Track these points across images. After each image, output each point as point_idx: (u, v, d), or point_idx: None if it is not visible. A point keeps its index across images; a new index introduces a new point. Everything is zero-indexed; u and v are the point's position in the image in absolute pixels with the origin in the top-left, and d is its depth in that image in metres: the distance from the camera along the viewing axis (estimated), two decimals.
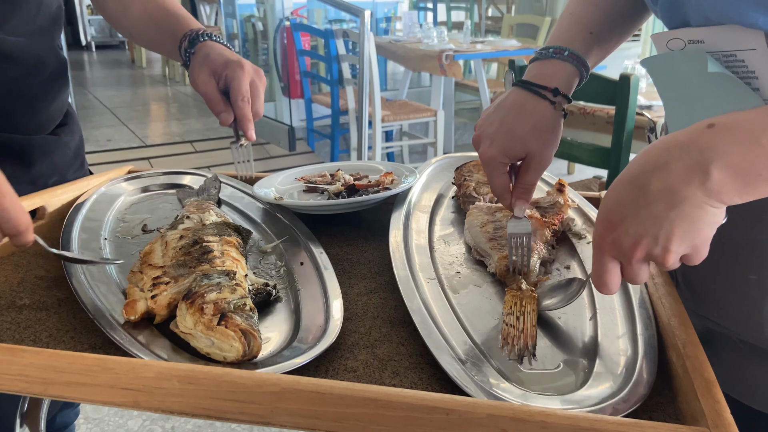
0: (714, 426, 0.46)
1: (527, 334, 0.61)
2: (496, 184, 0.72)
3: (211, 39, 0.90)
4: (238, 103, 0.84)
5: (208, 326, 0.58)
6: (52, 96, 0.92)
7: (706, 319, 0.68)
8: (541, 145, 0.70)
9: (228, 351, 0.57)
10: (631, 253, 0.51)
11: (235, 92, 0.84)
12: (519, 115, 0.70)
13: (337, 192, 0.96)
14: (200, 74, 0.86)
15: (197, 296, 0.61)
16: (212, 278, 0.65)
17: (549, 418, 0.46)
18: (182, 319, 0.60)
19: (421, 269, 0.75)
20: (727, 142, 0.48)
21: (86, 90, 7.00)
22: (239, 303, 0.61)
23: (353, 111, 3.76)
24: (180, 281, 0.66)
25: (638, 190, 0.50)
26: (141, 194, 0.99)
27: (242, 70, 0.84)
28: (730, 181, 0.47)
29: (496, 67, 5.24)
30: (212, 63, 0.86)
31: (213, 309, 0.59)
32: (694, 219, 0.49)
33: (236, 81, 0.84)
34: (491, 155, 0.70)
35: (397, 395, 0.49)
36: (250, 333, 0.58)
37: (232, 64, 0.85)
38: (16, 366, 0.53)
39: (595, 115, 2.13)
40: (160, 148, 4.66)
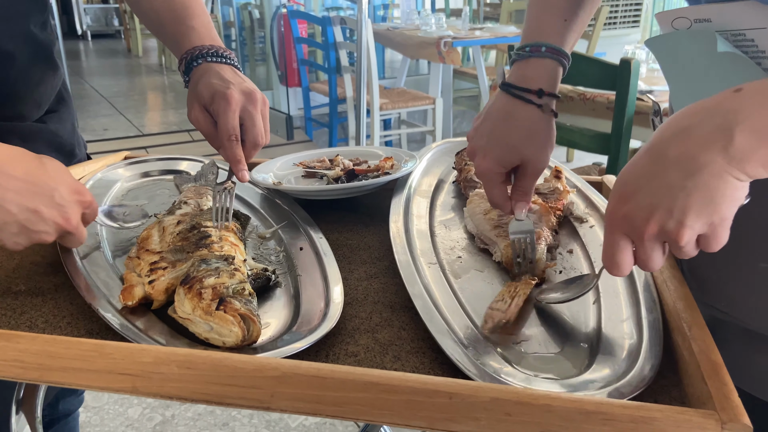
0: (722, 409, 0.45)
1: (508, 312, 0.60)
2: (494, 194, 0.70)
3: (207, 60, 0.80)
4: (224, 143, 0.75)
5: (207, 311, 0.57)
6: (33, 82, 0.87)
7: (713, 309, 0.67)
8: (536, 150, 0.68)
9: (227, 336, 0.56)
10: (643, 227, 0.48)
11: (219, 131, 0.76)
12: (508, 123, 0.69)
13: (337, 177, 0.95)
14: (192, 110, 0.78)
15: (195, 281, 0.60)
16: (210, 263, 0.64)
17: (554, 401, 0.46)
18: (180, 304, 0.59)
19: (422, 254, 0.74)
20: (754, 105, 0.44)
21: (82, 79, 6.96)
22: (238, 288, 0.60)
23: (351, 99, 3.74)
24: (178, 266, 0.65)
25: (655, 159, 0.48)
26: (138, 180, 0.98)
27: (227, 102, 0.74)
28: (756, 146, 0.44)
29: (495, 54, 5.21)
30: (200, 97, 0.77)
31: (211, 294, 0.58)
32: (713, 190, 0.45)
33: (221, 118, 0.75)
34: (486, 167, 0.69)
35: (399, 379, 0.48)
36: (250, 318, 0.57)
37: (218, 96, 0.75)
38: (12, 352, 0.52)
39: (595, 100, 2.11)
40: (157, 137, 4.64)
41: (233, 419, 1.84)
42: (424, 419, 0.48)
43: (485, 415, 0.47)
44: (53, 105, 0.93)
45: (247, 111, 0.76)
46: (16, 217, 0.58)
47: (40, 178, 0.60)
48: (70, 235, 0.64)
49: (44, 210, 0.60)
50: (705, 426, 0.44)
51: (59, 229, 0.62)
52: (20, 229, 0.59)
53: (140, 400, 1.91)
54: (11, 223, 0.59)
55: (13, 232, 0.59)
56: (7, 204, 0.58)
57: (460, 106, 4.89)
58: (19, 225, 0.59)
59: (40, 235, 0.61)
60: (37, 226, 0.60)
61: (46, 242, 0.62)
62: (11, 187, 0.58)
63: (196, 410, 1.88)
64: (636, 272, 0.67)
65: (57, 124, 0.93)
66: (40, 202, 0.60)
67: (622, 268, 0.52)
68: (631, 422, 0.45)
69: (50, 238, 0.62)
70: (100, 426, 1.82)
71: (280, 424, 1.82)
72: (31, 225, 0.59)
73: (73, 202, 0.62)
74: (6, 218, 0.58)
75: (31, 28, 0.84)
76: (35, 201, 0.59)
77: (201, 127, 0.78)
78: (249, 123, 0.76)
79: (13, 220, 0.58)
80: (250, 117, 0.76)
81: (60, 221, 0.61)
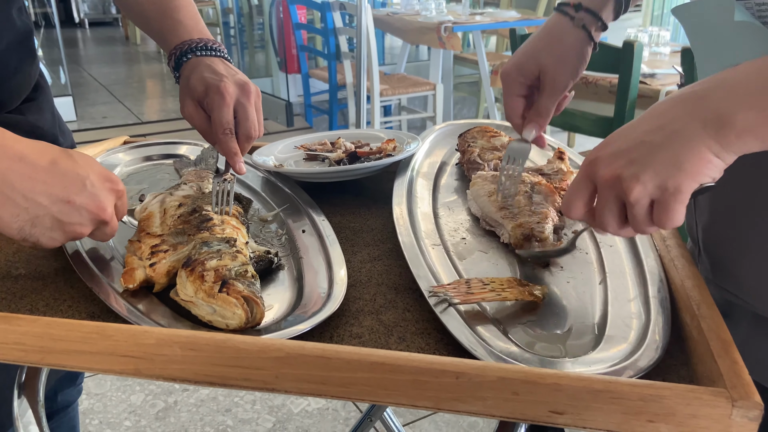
0: (732, 387, 0.44)
1: (469, 295, 0.59)
2: (508, 104, 0.72)
3: (197, 54, 0.79)
4: (219, 137, 0.74)
5: (210, 293, 0.56)
6: (10, 71, 0.84)
7: (723, 290, 0.66)
8: (554, 61, 0.69)
9: (230, 318, 0.56)
10: (603, 171, 0.48)
11: (213, 125, 0.74)
12: (539, 32, 0.71)
13: (339, 159, 0.94)
14: (185, 106, 0.77)
15: (197, 263, 0.59)
16: (212, 245, 0.63)
17: (562, 380, 0.45)
18: (182, 286, 0.59)
19: (426, 236, 0.73)
20: (749, 82, 0.44)
21: (81, 67, 6.92)
22: (241, 270, 0.59)
23: (351, 86, 3.71)
24: (179, 249, 0.65)
25: (644, 115, 0.48)
26: (138, 165, 0.97)
27: (221, 96, 0.73)
28: (754, 123, 0.44)
29: (495, 39, 5.17)
30: (193, 91, 0.76)
31: (214, 276, 0.58)
32: (682, 155, 0.45)
33: (215, 112, 0.74)
34: (505, 70, 0.71)
35: (405, 359, 0.47)
36: (253, 300, 0.56)
37: (211, 90, 0.74)
38: (13, 334, 0.51)
39: (598, 84, 2.10)
40: (156, 125, 4.62)
41: (236, 405, 1.84)
42: (430, 399, 0.47)
43: (492, 395, 0.46)
44: (31, 93, 0.90)
45: (241, 104, 0.74)
46: (49, 210, 0.55)
47: (68, 167, 0.56)
48: (104, 226, 0.60)
49: (77, 199, 0.56)
50: (715, 404, 0.43)
51: (94, 220, 0.58)
52: (54, 222, 0.56)
53: (143, 387, 1.92)
54: (44, 217, 0.55)
55: (47, 226, 0.56)
56: (38, 196, 0.54)
57: (460, 92, 4.87)
58: (53, 218, 0.56)
59: (75, 227, 0.57)
60: (71, 217, 0.56)
61: (81, 236, 0.59)
62: (39, 177, 0.55)
63: (198, 396, 1.88)
64: (642, 252, 0.66)
65: (36, 115, 0.90)
66: (72, 192, 0.56)
67: (571, 209, 0.52)
68: (640, 400, 0.44)
69: (86, 231, 0.58)
70: (103, 413, 1.82)
71: (282, 409, 1.83)
72: (64, 217, 0.56)
73: (105, 190, 0.59)
74: (38, 211, 0.55)
75: (12, 13, 0.82)
76: (67, 191, 0.56)
77: (195, 123, 0.77)
78: (242, 116, 0.75)
79: (46, 213, 0.55)
80: (243, 110, 0.75)
81: (94, 210, 0.58)
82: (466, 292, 0.59)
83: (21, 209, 0.54)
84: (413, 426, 1.76)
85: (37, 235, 0.56)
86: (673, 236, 0.67)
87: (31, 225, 0.55)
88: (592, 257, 0.69)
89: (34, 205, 0.54)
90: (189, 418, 1.80)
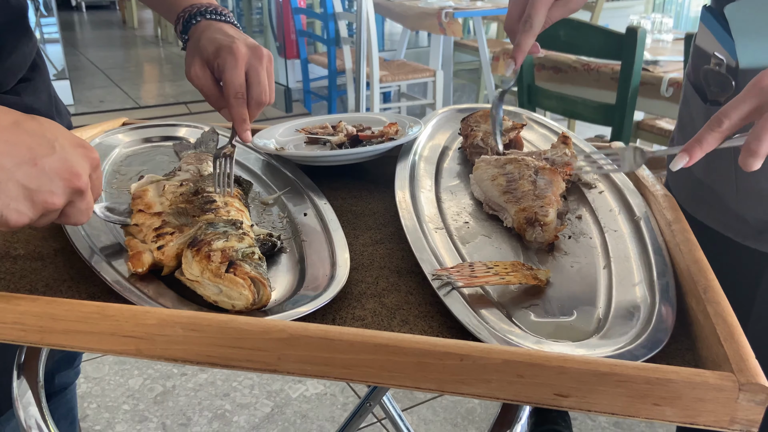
0: (738, 370, 0.44)
1: (473, 278, 0.59)
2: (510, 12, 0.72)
3: (206, 17, 0.76)
4: (230, 101, 0.71)
5: (216, 273, 0.56)
6: (6, 50, 0.81)
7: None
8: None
9: (237, 299, 0.55)
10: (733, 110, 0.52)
11: (225, 87, 0.72)
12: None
13: (340, 143, 0.93)
14: (192, 66, 0.73)
15: (203, 244, 0.59)
16: (218, 227, 0.62)
17: (567, 363, 0.45)
18: (188, 266, 0.58)
19: (429, 220, 0.72)
20: None
21: (78, 51, 6.86)
22: (247, 252, 0.59)
23: (350, 71, 3.69)
24: (185, 231, 0.64)
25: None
26: (137, 146, 0.96)
27: (234, 56, 0.70)
28: None
29: (496, 26, 5.14)
30: (203, 51, 0.73)
31: (221, 257, 0.57)
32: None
33: (227, 73, 0.71)
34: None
35: (409, 341, 0.47)
36: (260, 281, 0.56)
37: (223, 50, 0.71)
38: (12, 314, 0.51)
39: (600, 71, 2.08)
40: (154, 110, 4.60)
41: (234, 390, 1.85)
42: (434, 381, 0.47)
43: (497, 377, 0.46)
44: (27, 73, 0.88)
45: (253, 67, 0.72)
46: (13, 174, 0.47)
47: (33, 128, 0.49)
48: (79, 199, 0.52)
49: (46, 162, 0.48)
50: (722, 387, 0.43)
51: (67, 188, 0.50)
52: (19, 190, 0.47)
53: (141, 371, 1.92)
54: (6, 183, 0.47)
55: (11, 195, 0.47)
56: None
57: (460, 79, 4.84)
58: (18, 185, 0.47)
59: (45, 197, 0.48)
60: (40, 183, 0.48)
61: (53, 207, 0.50)
62: (1, 136, 0.47)
63: (197, 381, 1.88)
64: (647, 237, 0.66)
65: (32, 96, 0.88)
66: (39, 154, 0.48)
67: (723, 121, 0.54)
68: (646, 384, 0.44)
69: (58, 201, 0.50)
70: (101, 397, 1.82)
71: (281, 394, 1.83)
72: (32, 183, 0.48)
73: (78, 155, 0.51)
74: (0, 176, 0.46)
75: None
76: (33, 152, 0.48)
77: (201, 84, 0.74)
78: (254, 79, 0.72)
79: (9, 178, 0.47)
80: (255, 73, 0.72)
81: (66, 176, 0.50)
82: (469, 276, 0.59)
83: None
84: (411, 411, 1.77)
85: (0, 208, 0.47)
86: (678, 221, 0.66)
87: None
88: (596, 242, 0.69)
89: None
90: (187, 402, 1.81)
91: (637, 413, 0.45)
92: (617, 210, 0.74)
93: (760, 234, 0.74)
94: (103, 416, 1.75)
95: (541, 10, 0.71)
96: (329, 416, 1.76)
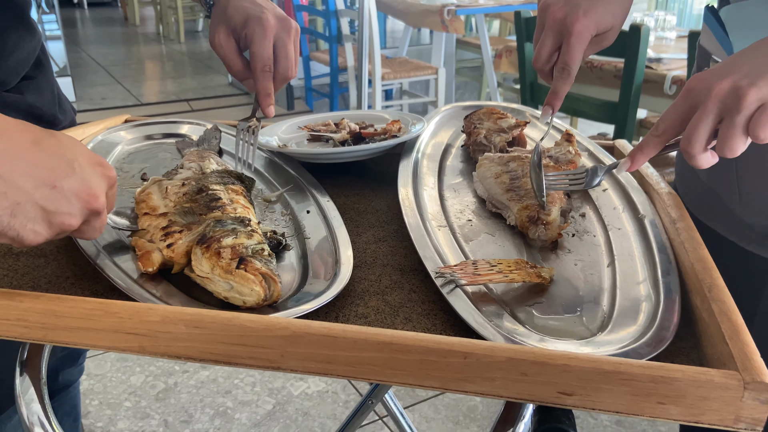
0: (744, 369, 0.44)
1: (476, 276, 0.58)
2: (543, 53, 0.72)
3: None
4: (257, 74, 0.70)
5: (227, 270, 0.56)
6: (8, 48, 0.80)
7: None
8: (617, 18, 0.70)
9: (248, 295, 0.55)
10: (716, 83, 0.51)
11: (253, 59, 0.70)
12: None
13: (343, 140, 0.93)
14: (217, 33, 0.72)
15: (213, 241, 0.59)
16: (226, 224, 0.62)
17: (571, 361, 0.45)
18: (198, 263, 0.58)
19: (432, 217, 0.72)
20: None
21: (79, 48, 6.86)
22: (257, 248, 0.59)
23: (352, 69, 3.69)
24: (193, 229, 0.63)
25: (745, 50, 0.52)
26: (139, 143, 0.96)
27: (262, 27, 0.69)
28: None
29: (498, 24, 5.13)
30: (230, 20, 0.71)
31: (231, 253, 0.57)
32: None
33: (255, 44, 0.69)
34: (584, 26, 0.69)
35: (412, 339, 0.47)
36: (271, 277, 0.56)
37: (252, 20, 0.70)
38: (15, 311, 0.51)
39: (603, 68, 2.08)
40: (156, 107, 4.59)
41: (236, 387, 1.85)
42: (437, 379, 0.47)
43: (500, 375, 0.46)
44: (30, 71, 0.88)
45: (281, 39, 0.70)
46: (32, 196, 0.46)
47: (53, 147, 0.48)
48: (94, 219, 0.51)
49: (65, 184, 0.48)
50: (727, 386, 0.43)
51: (84, 209, 0.50)
52: (37, 211, 0.47)
53: (143, 368, 1.92)
54: (25, 204, 0.46)
55: (29, 216, 0.46)
56: (18, 178, 0.45)
57: (462, 77, 4.84)
58: (36, 206, 0.46)
59: (62, 218, 0.48)
60: (58, 205, 0.47)
61: (70, 228, 0.49)
62: (20, 156, 0.46)
63: (198, 378, 1.89)
64: (652, 235, 0.66)
65: (35, 94, 0.87)
66: (59, 175, 0.47)
67: (660, 126, 0.56)
68: (650, 382, 0.44)
69: (75, 222, 0.49)
70: (103, 393, 1.83)
71: (282, 392, 1.83)
72: (50, 205, 0.47)
73: (97, 175, 0.51)
74: (19, 197, 0.45)
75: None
76: (53, 174, 0.47)
77: (224, 54, 0.73)
78: (282, 53, 0.70)
79: (28, 200, 0.46)
80: (283, 46, 0.70)
81: (85, 197, 0.49)
82: (473, 273, 0.59)
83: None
84: (413, 409, 1.77)
85: (17, 228, 0.46)
86: (682, 219, 0.66)
87: (11, 214, 0.46)
88: (600, 240, 0.68)
89: (14, 190, 0.45)
90: (189, 399, 1.81)
91: (641, 412, 0.45)
92: (621, 208, 0.73)
93: (765, 240, 0.73)
94: (105, 413, 1.75)
95: (579, 57, 0.70)
96: (331, 414, 1.76)
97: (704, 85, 0.53)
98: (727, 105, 0.51)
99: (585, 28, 0.67)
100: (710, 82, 0.52)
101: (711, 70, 0.54)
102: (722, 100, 0.51)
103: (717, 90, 0.52)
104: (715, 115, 0.52)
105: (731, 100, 0.51)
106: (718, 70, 0.53)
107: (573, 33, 0.68)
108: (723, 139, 0.52)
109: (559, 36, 0.70)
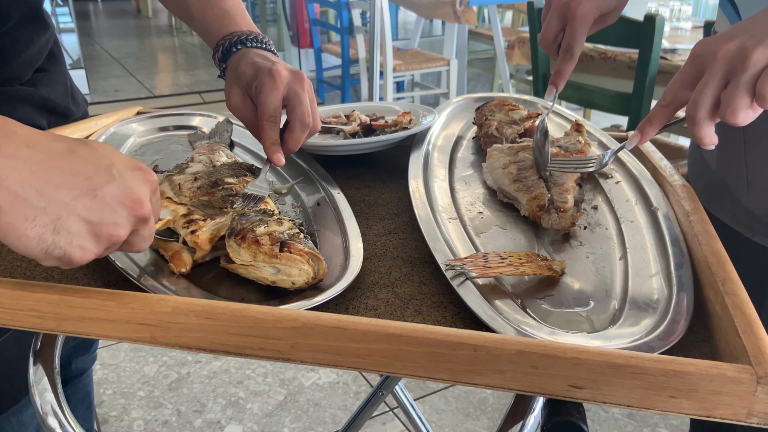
0: (757, 363, 0.43)
1: (487, 269, 0.58)
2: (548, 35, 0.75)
3: (247, 45, 0.74)
4: (263, 123, 0.67)
5: (271, 254, 0.56)
6: (22, 44, 0.80)
7: None
8: None
9: (297, 275, 0.56)
10: (722, 45, 0.50)
11: (260, 109, 0.68)
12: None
13: (354, 132, 0.92)
14: (231, 96, 0.70)
15: (246, 231, 0.59)
16: (251, 217, 0.63)
17: (582, 354, 0.44)
18: (236, 254, 0.58)
19: (443, 210, 0.72)
20: None
21: (93, 40, 6.90)
22: (292, 232, 0.60)
23: (364, 61, 3.68)
24: (215, 219, 0.64)
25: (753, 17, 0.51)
26: (151, 135, 0.96)
27: (272, 78, 0.66)
28: None
29: (511, 15, 5.09)
30: (242, 78, 0.70)
31: (270, 239, 0.58)
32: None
33: (263, 94, 0.67)
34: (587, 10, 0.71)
35: (422, 331, 0.47)
36: (315, 255, 0.57)
37: (262, 72, 0.67)
38: (28, 301, 0.51)
39: (617, 59, 2.05)
40: (168, 99, 4.62)
41: (248, 377, 1.86)
42: (447, 372, 0.47)
43: (510, 368, 0.46)
44: (44, 64, 0.88)
45: (294, 90, 0.68)
46: (73, 208, 0.42)
47: (88, 154, 0.45)
48: (143, 227, 0.47)
49: (106, 192, 0.44)
50: (739, 380, 0.43)
51: (131, 217, 0.46)
52: (81, 225, 0.43)
53: (156, 358, 1.94)
54: (68, 218, 0.42)
55: (73, 231, 0.43)
56: (56, 191, 0.42)
57: (474, 69, 4.81)
58: (81, 220, 0.43)
59: (109, 229, 0.44)
60: (102, 215, 0.44)
61: (120, 239, 0.45)
62: (56, 166, 0.42)
63: (211, 368, 1.90)
64: (665, 228, 0.65)
65: (48, 88, 0.87)
66: (99, 183, 0.44)
67: (667, 92, 0.55)
68: (662, 376, 0.43)
69: (123, 232, 0.45)
70: (117, 383, 1.85)
71: (294, 383, 1.84)
72: (94, 215, 0.43)
73: (137, 179, 0.47)
74: (59, 211, 0.42)
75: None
76: (91, 182, 0.43)
77: (241, 115, 0.71)
78: (295, 101, 0.68)
79: (70, 213, 0.42)
80: (296, 95, 0.68)
81: (130, 204, 0.45)
82: (483, 266, 0.58)
83: (37, 210, 0.41)
84: (423, 401, 1.77)
85: (62, 245, 0.43)
86: (696, 211, 0.65)
87: (54, 231, 0.42)
88: (612, 232, 0.68)
89: (54, 204, 0.42)
90: (201, 389, 1.82)
91: (653, 405, 0.44)
92: (634, 200, 0.73)
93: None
94: (119, 402, 1.78)
95: (581, 39, 0.72)
96: (342, 405, 1.77)
97: (710, 49, 0.52)
98: (734, 65, 0.50)
99: (588, 12, 0.71)
100: (716, 46, 0.51)
101: (717, 35, 0.53)
102: (729, 62, 0.50)
103: (723, 52, 0.51)
104: (722, 76, 0.51)
105: (738, 60, 0.50)
106: (725, 35, 0.52)
107: (576, 17, 0.72)
108: (727, 99, 0.50)
109: (563, 18, 0.73)
